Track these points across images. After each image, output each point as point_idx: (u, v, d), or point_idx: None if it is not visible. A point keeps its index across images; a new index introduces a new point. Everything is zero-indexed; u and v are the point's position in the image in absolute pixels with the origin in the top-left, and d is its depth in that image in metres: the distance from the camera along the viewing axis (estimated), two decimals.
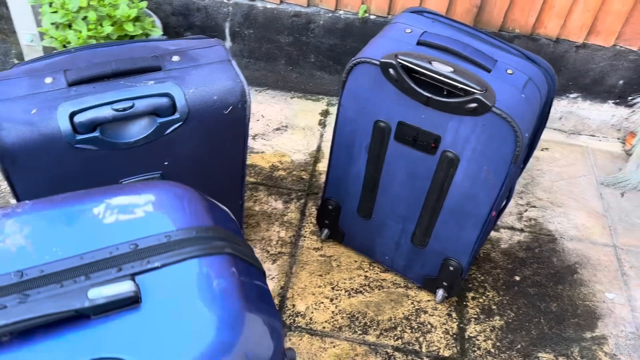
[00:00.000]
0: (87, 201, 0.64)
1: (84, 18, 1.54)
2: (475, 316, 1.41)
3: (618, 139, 1.94)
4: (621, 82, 1.80)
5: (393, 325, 1.38)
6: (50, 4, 1.59)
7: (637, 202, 1.74)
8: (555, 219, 1.67)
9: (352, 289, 1.44)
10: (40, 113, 0.91)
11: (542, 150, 1.89)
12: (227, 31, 1.86)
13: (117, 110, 0.94)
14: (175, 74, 1.01)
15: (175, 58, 1.03)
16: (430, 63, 1.06)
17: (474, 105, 1.04)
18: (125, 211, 0.63)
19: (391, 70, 1.09)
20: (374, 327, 1.37)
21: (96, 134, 0.95)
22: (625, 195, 1.76)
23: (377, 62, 1.10)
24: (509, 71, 1.09)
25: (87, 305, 0.52)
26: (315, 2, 1.78)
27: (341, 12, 1.79)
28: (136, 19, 1.60)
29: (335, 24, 1.81)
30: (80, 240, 0.59)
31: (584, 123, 1.93)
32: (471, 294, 1.46)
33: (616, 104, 1.86)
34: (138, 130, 0.99)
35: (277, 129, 1.88)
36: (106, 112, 0.94)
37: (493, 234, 1.62)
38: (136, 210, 0.63)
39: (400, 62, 1.08)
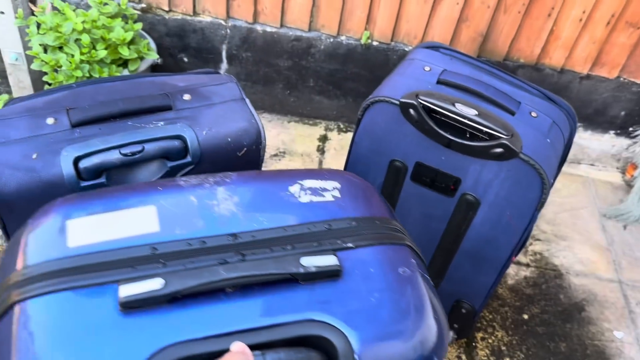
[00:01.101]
0: (283, 180, 0.71)
1: (77, 40, 1.46)
2: (485, 358, 1.37)
3: (617, 168, 1.93)
4: (623, 113, 1.80)
5: None
6: (38, 25, 1.50)
7: (639, 236, 1.73)
8: (560, 252, 1.65)
9: None
10: (41, 158, 0.84)
11: None
12: (224, 54, 1.80)
13: (125, 154, 0.86)
14: (187, 114, 0.94)
15: (187, 96, 0.96)
16: (453, 105, 1.02)
17: (500, 150, 1.00)
18: (317, 193, 0.70)
19: (411, 111, 1.04)
20: None
21: (102, 179, 0.87)
22: (628, 228, 1.75)
23: (397, 102, 1.05)
24: (533, 114, 1.05)
25: (301, 271, 0.59)
26: (317, 27, 1.73)
27: (343, 37, 1.74)
28: (131, 41, 1.53)
29: (336, 49, 1.76)
30: (282, 214, 0.66)
31: (584, 152, 1.92)
32: (480, 334, 1.42)
33: (617, 134, 1.85)
34: (147, 175, 0.92)
35: (275, 155, 1.82)
36: (114, 157, 0.86)
37: None
38: (325, 194, 0.70)
39: (421, 103, 1.03)
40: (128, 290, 0.54)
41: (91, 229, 0.60)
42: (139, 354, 0.51)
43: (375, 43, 1.74)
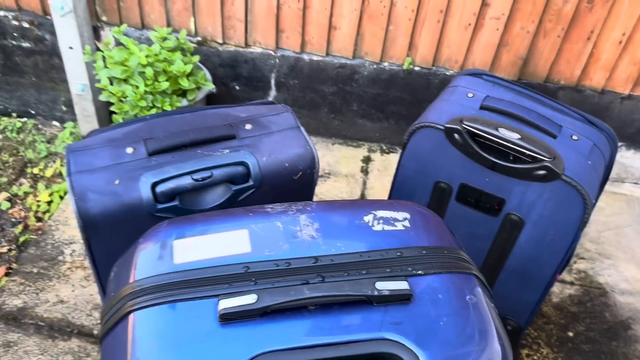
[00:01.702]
0: (358, 210, 0.78)
1: (141, 73, 1.58)
2: None
3: None
4: None
5: None
6: (104, 59, 1.64)
7: None
8: (604, 271, 1.66)
9: None
10: (123, 184, 0.94)
11: None
12: (272, 81, 1.90)
13: (196, 180, 0.96)
14: (249, 142, 1.03)
15: (248, 126, 1.06)
16: (496, 129, 1.08)
17: (543, 172, 1.05)
18: (388, 223, 0.76)
19: (456, 135, 1.11)
20: None
21: (175, 202, 0.97)
22: None
23: (442, 127, 1.12)
24: (574, 137, 1.10)
25: (375, 294, 0.65)
26: (361, 54, 1.81)
27: (386, 63, 1.82)
28: (189, 73, 1.64)
29: (379, 74, 1.84)
30: (357, 241, 0.73)
31: (627, 171, 1.93)
32: (525, 351, 1.45)
33: None
34: (214, 198, 1.01)
35: (321, 176, 1.90)
36: (186, 182, 0.96)
37: None
38: (397, 224, 0.76)
39: (465, 128, 1.09)
40: (227, 304, 0.62)
41: (194, 248, 0.69)
42: (242, 355, 0.59)
43: (417, 68, 1.81)
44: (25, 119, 2.15)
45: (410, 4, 1.67)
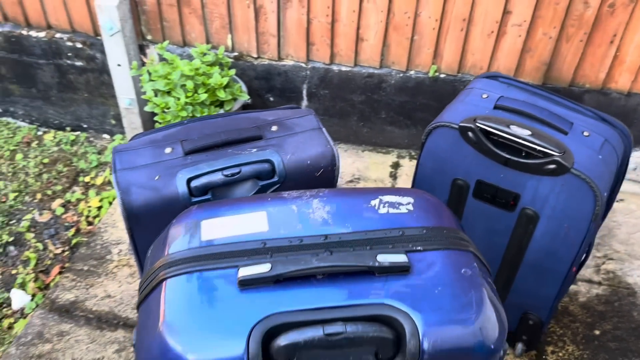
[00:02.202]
0: (366, 195, 0.86)
1: (182, 86, 1.72)
2: None
3: None
4: None
5: None
6: (149, 74, 1.78)
7: None
8: (633, 272, 1.66)
9: None
10: (162, 179, 1.05)
11: (617, 201, 1.89)
12: (304, 92, 2.00)
13: (226, 176, 1.06)
14: (274, 142, 1.13)
15: (274, 128, 1.15)
16: (508, 127, 1.13)
17: (552, 166, 1.10)
18: (393, 206, 0.84)
19: (470, 134, 1.17)
20: None
21: (208, 196, 1.07)
22: None
23: (456, 126, 1.18)
24: (585, 133, 1.14)
25: (376, 265, 0.73)
26: (388, 63, 1.89)
27: (412, 72, 1.89)
28: (226, 85, 1.76)
29: (406, 82, 1.91)
30: (364, 221, 0.81)
31: None
32: (550, 348, 1.47)
33: None
34: (242, 192, 1.10)
35: (350, 181, 1.98)
36: (217, 178, 1.06)
37: (571, 287, 1.63)
38: (401, 207, 0.84)
39: (479, 126, 1.15)
40: (245, 272, 0.72)
41: (218, 227, 0.79)
42: (251, 318, 0.68)
43: (442, 75, 1.88)
44: (78, 133, 2.33)
45: (434, 14, 1.75)
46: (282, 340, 0.66)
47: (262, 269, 0.71)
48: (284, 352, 0.66)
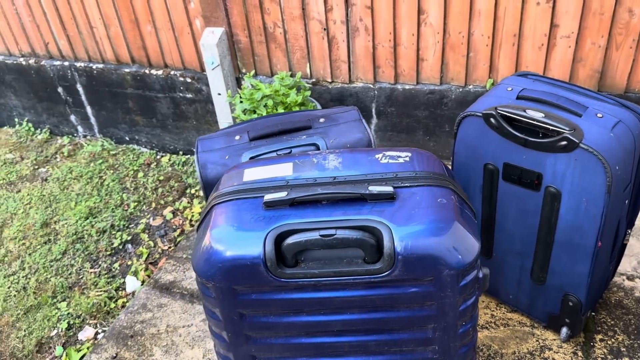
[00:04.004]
0: (372, 151, 1.09)
1: (265, 105, 2.04)
2: (602, 356, 1.45)
3: None
4: None
5: (517, 358, 1.48)
6: (240, 98, 2.13)
7: None
8: None
9: (478, 324, 1.58)
10: (231, 158, 1.33)
11: None
12: (373, 110, 2.24)
13: (279, 155, 1.32)
14: (321, 130, 1.37)
15: (322, 120, 1.40)
16: (524, 111, 1.28)
17: (564, 143, 1.22)
18: (393, 158, 1.06)
19: (492, 120, 1.33)
20: (498, 359, 1.49)
21: None
22: None
23: (480, 114, 1.35)
24: (599, 115, 1.25)
25: (367, 192, 0.94)
26: (447, 80, 2.08)
27: (470, 86, 2.06)
28: (302, 103, 2.06)
29: (465, 97, 2.08)
30: (367, 168, 1.04)
31: None
32: (599, 336, 1.50)
33: None
34: None
35: None
36: (271, 156, 1.32)
37: (627, 283, 1.64)
38: (399, 159, 1.05)
39: (499, 112, 1.31)
40: (269, 197, 0.96)
41: (256, 173, 1.05)
42: (268, 227, 0.92)
43: None
44: (188, 155, 2.75)
45: (486, 32, 1.92)
46: (289, 240, 0.88)
47: (281, 195, 0.95)
48: (291, 249, 0.88)
